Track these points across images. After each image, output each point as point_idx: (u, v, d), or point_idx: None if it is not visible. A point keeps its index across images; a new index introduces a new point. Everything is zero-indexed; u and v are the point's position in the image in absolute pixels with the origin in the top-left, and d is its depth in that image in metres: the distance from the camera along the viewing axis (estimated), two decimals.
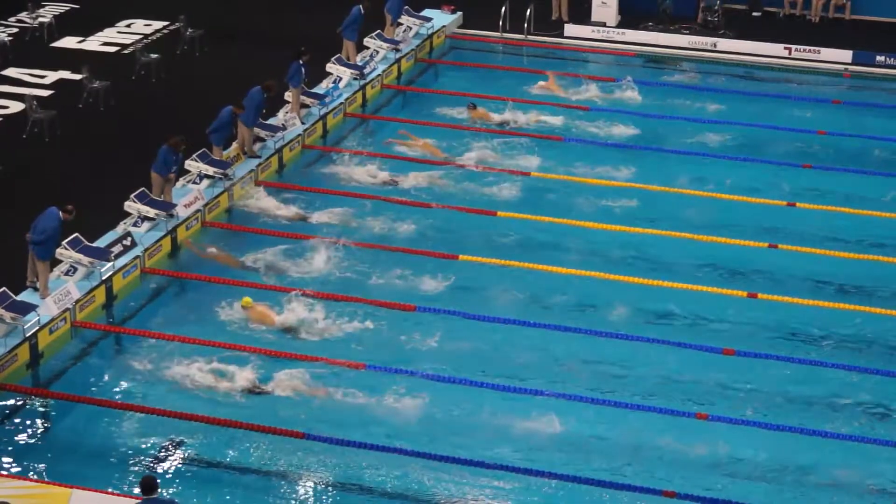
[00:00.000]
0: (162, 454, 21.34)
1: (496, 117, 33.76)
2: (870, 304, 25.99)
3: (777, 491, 20.95)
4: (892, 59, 38.38)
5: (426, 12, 39.81)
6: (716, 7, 40.14)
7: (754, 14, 41.06)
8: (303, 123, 32.27)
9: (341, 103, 33.78)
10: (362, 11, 35.22)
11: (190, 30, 37.32)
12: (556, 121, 33.92)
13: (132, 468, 20.94)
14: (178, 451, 21.42)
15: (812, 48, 38.88)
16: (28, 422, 22.19)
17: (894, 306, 25.94)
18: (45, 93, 33.96)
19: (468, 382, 23.21)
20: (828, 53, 38.78)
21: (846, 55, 38.63)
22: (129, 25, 39.33)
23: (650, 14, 40.60)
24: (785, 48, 38.99)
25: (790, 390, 23.37)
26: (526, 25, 39.67)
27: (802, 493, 20.95)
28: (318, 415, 22.28)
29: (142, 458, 21.22)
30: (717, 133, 33.62)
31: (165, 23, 39.18)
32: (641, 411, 22.60)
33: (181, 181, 28.78)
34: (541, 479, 20.90)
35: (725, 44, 39.27)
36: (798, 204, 29.85)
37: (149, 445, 21.52)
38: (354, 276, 26.49)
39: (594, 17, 40.36)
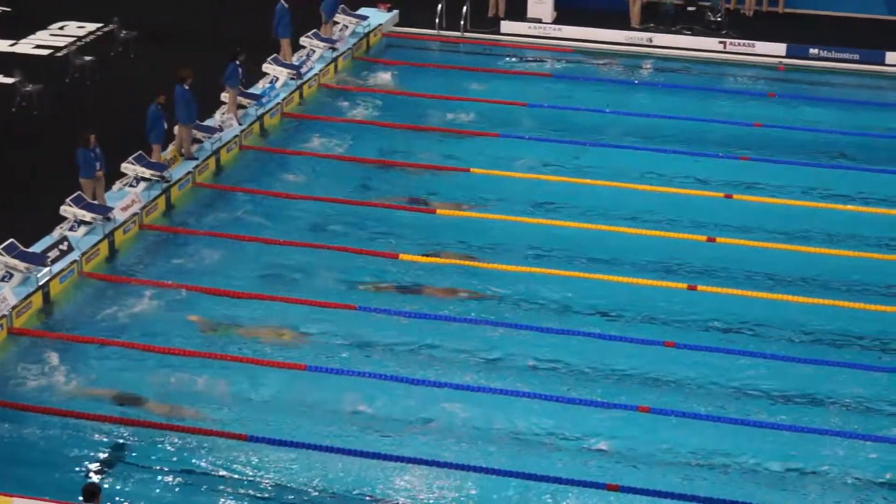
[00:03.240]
0: (103, 460, 21.18)
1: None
2: (806, 294, 26.16)
3: (722, 482, 21.04)
4: (825, 52, 38.68)
5: (362, 10, 39.73)
6: (718, 7, 40.23)
7: (689, 9, 41.22)
8: (240, 124, 32.12)
9: (278, 103, 33.65)
10: (286, 5, 35.05)
11: (124, 31, 37.07)
12: (493, 116, 34.02)
13: (73, 474, 20.77)
14: (119, 457, 21.26)
15: (746, 42, 39.11)
16: None
17: (830, 296, 26.13)
18: None
19: (406, 380, 23.21)
20: (762, 47, 39.03)
21: (780, 48, 38.89)
22: (62, 28, 39.02)
23: (586, 10, 40.70)
24: (720, 42, 39.20)
25: (731, 382, 23.49)
26: (462, 23, 39.66)
27: (745, 483, 21.06)
28: (259, 416, 22.22)
29: (83, 463, 21.05)
30: (653, 127, 33.75)
31: (99, 25, 38.90)
32: (583, 405, 22.64)
33: (117, 184, 28.60)
34: (482, 475, 20.90)
35: (661, 38, 39.42)
36: (735, 196, 30.02)
37: (90, 451, 21.35)
38: (286, 275, 26.49)
39: (530, 14, 40.41)
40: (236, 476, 20.94)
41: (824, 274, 27.01)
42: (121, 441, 21.57)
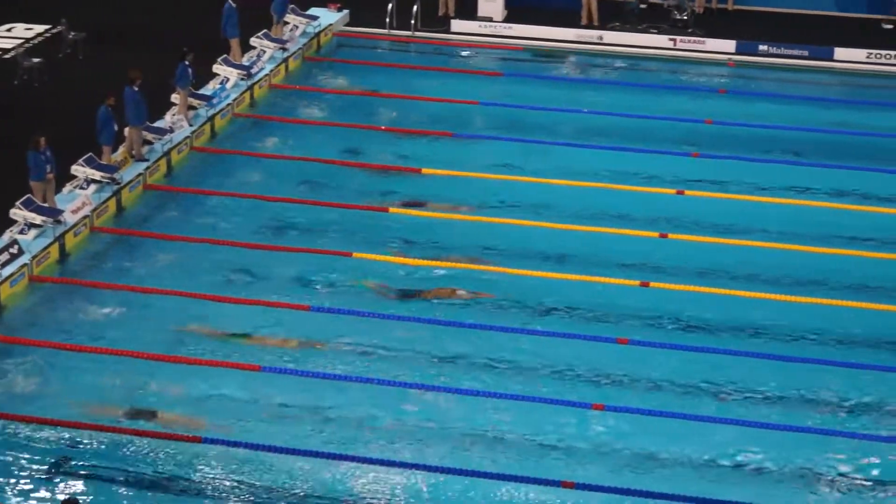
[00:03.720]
0: (54, 465, 21.03)
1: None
2: (760, 290, 26.28)
3: (675, 477, 21.11)
4: (774, 48, 38.89)
5: (312, 10, 39.63)
6: (685, 6, 40.29)
7: (641, 6, 41.33)
8: (190, 125, 31.99)
9: (229, 104, 33.52)
10: (233, 5, 34.92)
11: (72, 33, 36.84)
12: (445, 116, 34.03)
13: (25, 480, 20.62)
14: (74, 462, 21.12)
15: (697, 39, 39.26)
16: None
17: (783, 291, 26.25)
18: None
19: (361, 379, 23.19)
20: (712, 44, 39.19)
21: (730, 45, 39.07)
22: (9, 30, 38.70)
23: (536, 8, 40.75)
24: (670, 39, 39.35)
25: (684, 378, 23.56)
26: (413, 22, 39.63)
27: (699, 479, 21.13)
28: (214, 418, 22.14)
29: (36, 468, 20.91)
30: (606, 124, 33.83)
31: (47, 26, 38.62)
32: (537, 402, 22.66)
33: (68, 186, 28.43)
34: (438, 474, 20.89)
35: (612, 36, 39.51)
36: (687, 192, 30.12)
37: (41, 456, 21.20)
38: (239, 276, 26.44)
39: (481, 13, 40.42)
40: (191, 479, 20.83)
41: (776, 269, 27.11)
42: (72, 445, 21.41)
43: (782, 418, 22.57)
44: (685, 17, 40.12)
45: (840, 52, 38.68)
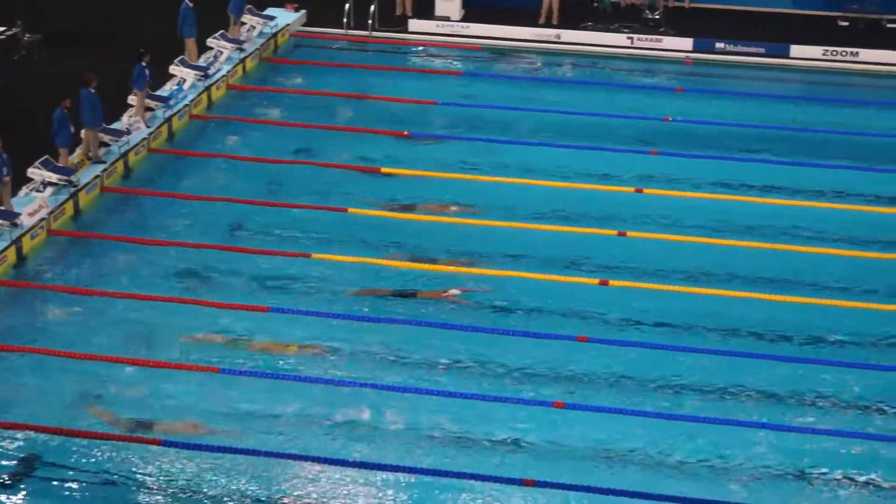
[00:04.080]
0: (14, 469, 20.91)
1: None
2: (719, 287, 26.36)
3: (636, 474, 21.15)
4: (731, 46, 39.05)
5: (269, 11, 39.54)
6: (656, 5, 40.36)
7: (595, 4, 41.41)
8: (148, 127, 31.85)
9: (186, 105, 33.40)
10: (190, 5, 34.79)
11: (27, 35, 36.63)
12: (403, 115, 34.02)
13: None
14: (29, 464, 20.99)
15: (654, 37, 39.38)
16: None
17: (743, 288, 26.34)
18: None
19: (321, 380, 23.14)
20: (669, 42, 39.33)
21: (687, 43, 39.21)
22: None
23: (494, 8, 40.77)
24: (627, 38, 39.45)
25: (644, 375, 23.61)
26: (370, 22, 39.60)
27: (660, 475, 21.18)
28: (171, 421, 22.07)
29: None
30: (564, 122, 33.89)
31: (2, 28, 38.36)
32: (497, 401, 22.66)
33: (24, 189, 28.27)
34: (397, 474, 20.86)
35: (570, 35, 39.58)
36: (645, 190, 30.19)
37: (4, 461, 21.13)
38: (198, 278, 26.35)
39: (438, 12, 40.43)
40: (149, 482, 20.74)
41: (736, 266, 27.20)
42: (29, 449, 21.27)
43: (743, 414, 22.64)
44: (657, 17, 40.21)
45: (796, 50, 38.86)
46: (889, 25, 40.09)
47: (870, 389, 23.40)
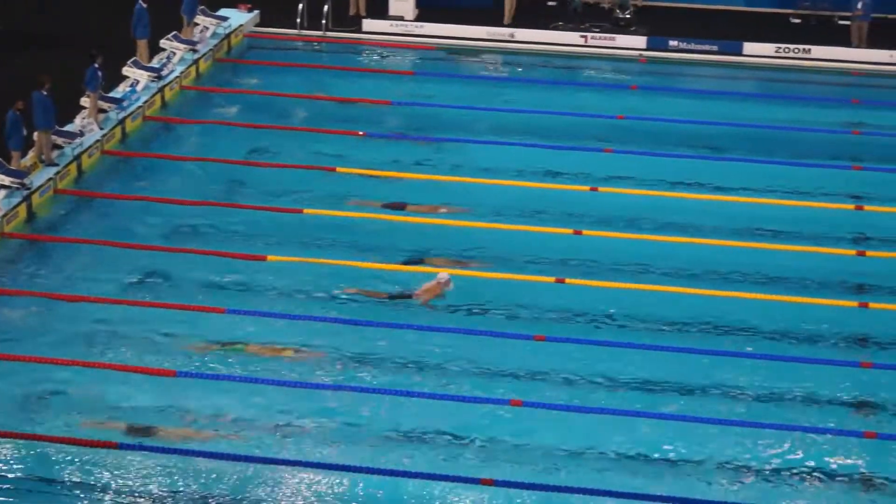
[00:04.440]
0: None
1: None
2: (675, 284, 26.44)
3: (593, 472, 21.18)
4: (684, 44, 39.19)
5: (223, 11, 39.39)
6: (627, 4, 40.40)
7: (549, 3, 41.48)
8: (101, 129, 31.69)
9: (140, 107, 33.24)
10: (144, 6, 34.66)
11: None
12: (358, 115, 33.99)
13: None
14: None
15: (607, 35, 39.47)
16: None
17: (698, 285, 26.43)
18: None
19: (276, 382, 23.12)
20: (623, 40, 39.43)
21: (641, 41, 39.33)
22: None
23: (447, 7, 40.76)
24: (581, 36, 39.51)
25: (601, 373, 23.64)
26: (324, 22, 39.53)
27: (618, 472, 21.22)
28: (128, 424, 21.98)
29: None
30: (517, 121, 33.94)
31: None
32: (454, 401, 22.65)
33: None
34: (355, 474, 20.83)
35: (523, 34, 39.62)
36: (600, 188, 30.25)
37: None
38: (153, 280, 26.30)
39: (392, 12, 40.38)
40: (106, 485, 20.64)
41: (691, 263, 27.29)
42: None
43: (700, 411, 22.71)
44: (628, 16, 40.29)
45: (749, 47, 39.04)
46: (841, 22, 40.29)
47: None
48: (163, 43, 35.81)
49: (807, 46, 38.83)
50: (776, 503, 20.75)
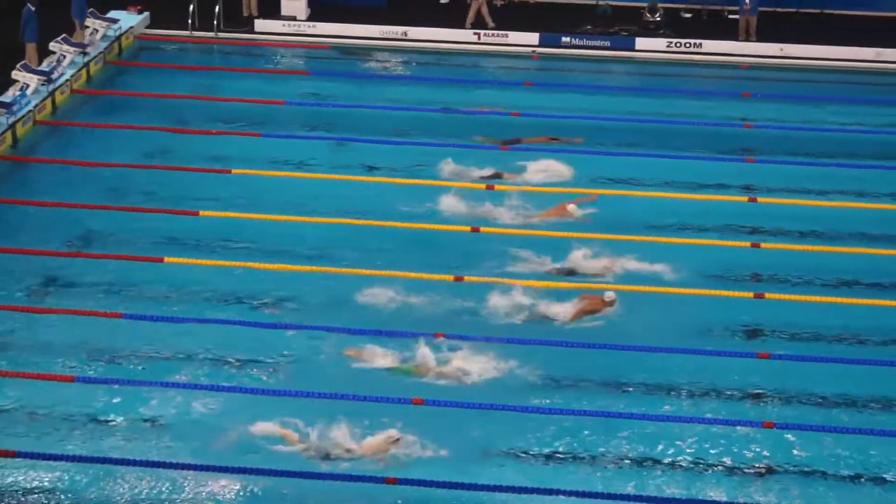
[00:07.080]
0: None
1: None
2: (575, 280, 26.57)
3: (520, 471, 21.30)
4: (576, 40, 39.47)
5: (112, 13, 39.04)
6: (656, 7, 40.43)
7: (441, 2, 41.57)
8: None
9: (30, 111, 32.86)
10: (32, 9, 34.27)
11: None
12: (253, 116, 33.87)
13: None
14: None
15: (500, 32, 39.65)
16: None
17: (601, 281, 26.59)
18: None
19: (170, 384, 22.99)
20: (515, 37, 39.63)
21: (533, 38, 39.55)
22: None
23: (340, 7, 40.73)
24: (474, 34, 39.67)
25: (499, 370, 23.65)
26: (216, 23, 39.33)
27: (528, 469, 21.35)
28: (26, 431, 21.75)
29: None
30: (412, 119, 34.01)
31: None
32: (357, 401, 22.61)
33: None
34: (259, 477, 20.77)
35: (416, 32, 39.69)
36: (496, 186, 30.34)
37: None
38: (50, 286, 26.07)
39: (284, 12, 40.27)
40: (3, 495, 20.41)
41: (591, 261, 27.45)
42: None
43: (604, 406, 22.93)
44: (657, 19, 40.42)
45: (641, 42, 39.41)
46: (731, 16, 40.75)
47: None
48: (52, 46, 35.43)
49: (698, 41, 39.27)
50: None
